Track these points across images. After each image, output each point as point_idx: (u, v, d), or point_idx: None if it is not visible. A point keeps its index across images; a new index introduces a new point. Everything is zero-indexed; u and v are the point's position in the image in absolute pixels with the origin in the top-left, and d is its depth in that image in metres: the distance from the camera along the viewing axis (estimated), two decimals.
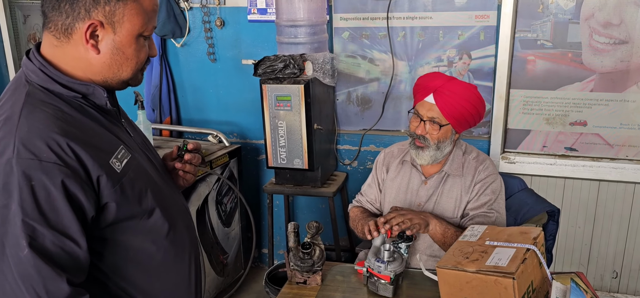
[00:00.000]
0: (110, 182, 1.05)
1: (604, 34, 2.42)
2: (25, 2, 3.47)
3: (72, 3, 1.03)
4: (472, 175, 1.92)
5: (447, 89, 1.84)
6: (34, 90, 1.06)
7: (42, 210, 0.97)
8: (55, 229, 0.98)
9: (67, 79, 1.07)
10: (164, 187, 1.23)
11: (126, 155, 1.11)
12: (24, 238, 0.95)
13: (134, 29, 1.08)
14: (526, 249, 1.36)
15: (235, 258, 2.97)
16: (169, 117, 3.11)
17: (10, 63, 3.38)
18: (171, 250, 1.21)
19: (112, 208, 1.06)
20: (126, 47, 1.09)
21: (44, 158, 0.97)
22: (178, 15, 2.96)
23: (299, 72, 2.46)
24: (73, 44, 1.06)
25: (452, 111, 1.82)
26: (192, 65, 3.08)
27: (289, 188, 2.70)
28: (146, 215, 1.14)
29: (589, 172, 2.59)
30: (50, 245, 0.98)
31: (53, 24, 1.06)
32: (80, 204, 1.01)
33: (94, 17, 1.04)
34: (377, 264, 1.63)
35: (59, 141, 0.99)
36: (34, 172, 0.96)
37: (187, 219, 1.30)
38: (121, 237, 1.11)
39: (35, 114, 1.01)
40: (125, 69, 1.11)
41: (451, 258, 1.41)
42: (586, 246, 2.71)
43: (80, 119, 1.07)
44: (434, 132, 1.85)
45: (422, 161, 1.91)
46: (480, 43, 2.60)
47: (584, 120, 2.57)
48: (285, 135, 2.54)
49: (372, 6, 2.70)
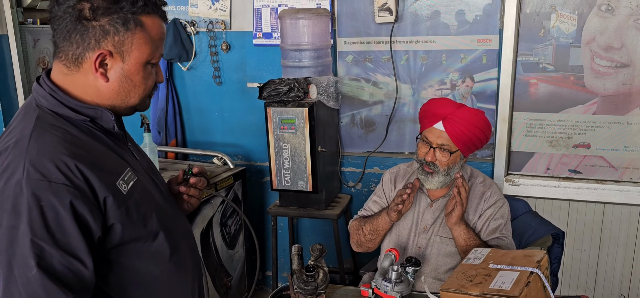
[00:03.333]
0: (116, 203, 1.06)
1: (606, 57, 2.44)
2: (35, 26, 3.53)
3: (82, 34, 1.06)
4: (478, 198, 1.93)
5: (456, 116, 1.85)
6: (44, 114, 1.09)
7: (50, 231, 0.98)
8: (63, 249, 1.00)
9: (75, 103, 1.10)
10: (168, 211, 1.24)
11: (132, 178, 1.13)
12: (33, 258, 0.97)
13: (142, 57, 1.11)
14: (530, 272, 1.36)
15: (239, 280, 2.97)
16: (175, 139, 3.14)
17: (20, 86, 3.42)
18: (175, 273, 1.22)
19: (118, 229, 1.08)
20: (134, 75, 1.12)
21: (53, 179, 0.99)
22: (185, 40, 3.00)
23: (303, 95, 2.49)
24: (83, 73, 1.10)
25: (462, 138, 1.84)
26: (198, 88, 3.12)
27: (293, 211, 2.70)
28: (151, 238, 1.15)
29: (594, 194, 2.58)
30: (57, 265, 0.99)
31: (64, 53, 1.09)
32: (87, 225, 1.02)
33: (103, 47, 1.07)
34: (384, 284, 1.64)
35: (68, 163, 1.01)
36: (43, 192, 0.98)
37: (191, 242, 1.32)
38: (126, 259, 1.13)
39: (44, 137, 1.03)
40: (133, 95, 1.14)
41: (455, 281, 1.41)
42: (592, 269, 2.70)
43: (88, 142, 1.09)
44: (443, 158, 1.87)
45: (431, 186, 1.92)
46: (483, 66, 2.62)
47: (588, 143, 2.57)
48: (289, 157, 2.55)
49: (376, 30, 2.74)
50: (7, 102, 3.38)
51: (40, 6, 3.88)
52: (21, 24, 3.47)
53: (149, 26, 1.11)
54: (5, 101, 3.37)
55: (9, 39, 3.35)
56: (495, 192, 1.95)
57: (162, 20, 1.16)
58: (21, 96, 3.44)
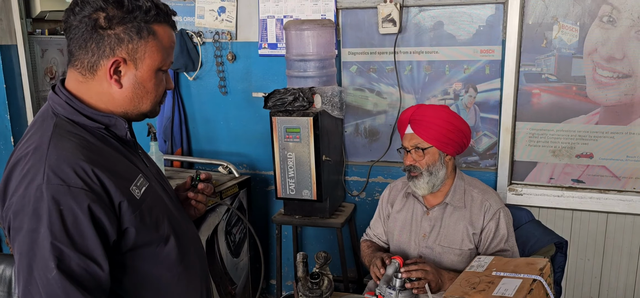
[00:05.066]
0: (131, 208, 1.10)
1: (608, 68, 2.47)
2: (43, 36, 3.58)
3: (98, 42, 1.10)
4: (478, 207, 1.94)
5: (418, 114, 1.93)
6: (61, 122, 1.12)
7: (69, 234, 1.01)
8: (81, 252, 1.03)
9: (91, 111, 1.14)
10: (177, 216, 1.27)
11: (144, 183, 1.16)
12: (53, 260, 1.00)
13: (154, 64, 1.15)
14: (533, 280, 1.37)
15: (243, 289, 2.98)
16: (180, 148, 3.17)
17: (28, 95, 3.47)
18: (185, 277, 1.24)
19: (132, 233, 1.11)
20: (147, 81, 1.16)
21: (72, 184, 1.02)
22: (191, 50, 3.04)
23: (308, 104, 2.51)
24: (97, 80, 1.13)
25: (429, 132, 1.90)
26: (203, 98, 3.15)
27: (298, 219, 2.72)
28: (163, 242, 1.18)
29: (597, 204, 2.60)
30: (76, 267, 1.02)
31: (79, 61, 1.13)
32: (103, 228, 1.06)
33: (118, 54, 1.11)
34: (389, 292, 1.65)
35: (85, 168, 1.04)
36: (63, 197, 1.01)
37: (199, 247, 1.34)
38: (139, 263, 1.16)
39: (63, 143, 1.07)
40: (145, 101, 1.18)
41: (458, 288, 1.43)
42: (596, 278, 2.70)
43: (103, 148, 1.13)
44: (419, 158, 1.92)
45: (420, 190, 1.95)
46: (486, 77, 2.65)
47: (590, 153, 2.59)
48: (294, 166, 2.58)
49: (380, 41, 2.77)
50: (15, 111, 3.43)
51: (49, 17, 3.94)
52: (30, 34, 3.52)
53: (161, 34, 1.15)
54: (13, 110, 3.41)
55: (18, 49, 3.40)
56: (496, 200, 1.96)
57: (172, 29, 1.20)
58: (29, 105, 3.49)
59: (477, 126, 2.73)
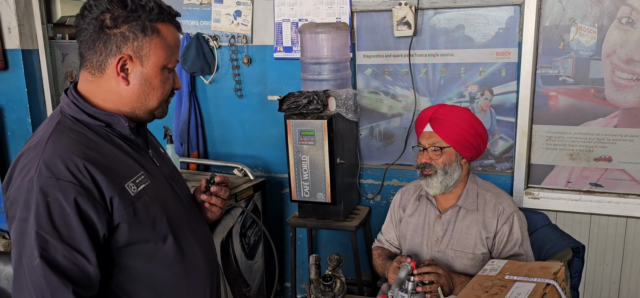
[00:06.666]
0: (123, 204, 1.13)
1: (627, 70, 2.43)
2: (64, 41, 3.66)
3: (105, 42, 1.15)
4: (491, 211, 1.93)
5: (440, 113, 1.92)
6: (65, 119, 1.17)
7: (55, 225, 1.06)
8: (66, 243, 1.06)
9: (93, 110, 1.18)
10: (185, 217, 1.30)
11: (145, 181, 1.20)
12: (37, 249, 1.04)
13: (159, 61, 1.19)
14: (546, 284, 1.36)
15: (258, 291, 3.00)
16: (196, 150, 3.21)
17: (48, 99, 3.54)
18: (185, 277, 1.26)
19: (124, 229, 1.14)
20: (153, 78, 1.20)
21: (61, 177, 1.06)
22: (207, 53, 3.08)
23: (322, 107, 2.52)
24: (106, 78, 1.18)
25: (449, 133, 1.89)
26: (219, 101, 3.18)
27: (312, 222, 2.73)
28: (160, 241, 1.21)
29: (616, 208, 2.55)
30: (61, 257, 1.06)
31: (89, 62, 1.18)
32: (91, 222, 1.09)
33: (124, 52, 1.16)
34: (401, 294, 1.65)
35: (77, 162, 1.08)
36: (51, 189, 1.06)
37: (207, 250, 1.36)
38: (135, 260, 1.19)
39: (61, 139, 1.12)
40: (151, 98, 1.22)
41: (471, 292, 1.42)
42: (615, 284, 2.65)
43: (103, 145, 1.17)
44: (436, 157, 1.91)
45: (432, 190, 1.93)
46: (502, 79, 2.63)
47: (609, 156, 2.55)
48: (308, 169, 2.59)
49: (395, 44, 2.76)
50: (36, 114, 3.50)
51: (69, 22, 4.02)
52: (51, 39, 3.60)
53: (165, 33, 1.20)
54: (35, 113, 3.49)
55: (39, 54, 3.48)
56: (509, 204, 1.94)
57: (176, 28, 1.24)
58: (49, 108, 3.56)
59: (493, 129, 2.70)
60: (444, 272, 1.74)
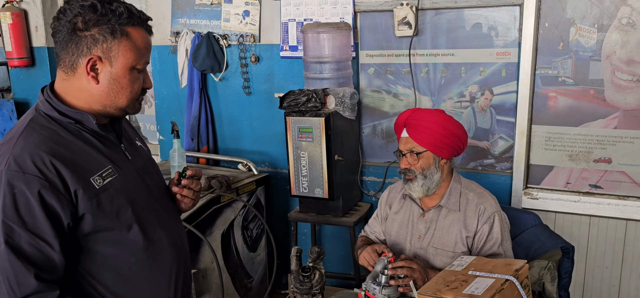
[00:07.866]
0: (87, 196, 1.22)
1: (627, 71, 2.40)
2: None
3: (77, 43, 1.25)
4: (473, 211, 1.95)
5: (413, 119, 1.94)
6: (38, 117, 1.28)
7: (20, 214, 1.16)
8: (31, 231, 1.17)
9: (64, 108, 1.28)
10: (154, 207, 1.39)
11: (112, 174, 1.29)
12: (2, 235, 1.15)
13: (128, 62, 1.28)
14: (505, 280, 1.39)
15: (260, 283, 3.09)
16: (206, 145, 3.33)
17: None
18: (150, 263, 1.36)
19: (88, 219, 1.24)
20: (121, 78, 1.29)
21: (27, 171, 1.17)
22: (217, 52, 3.19)
23: (320, 105, 2.59)
24: (77, 77, 1.28)
25: (424, 137, 1.91)
26: (229, 98, 3.29)
27: (312, 217, 2.80)
28: (125, 229, 1.30)
29: (615, 210, 2.52)
30: (25, 244, 1.16)
31: (63, 61, 1.28)
32: (55, 212, 1.19)
33: (94, 53, 1.25)
34: (373, 287, 1.70)
35: (43, 158, 1.18)
36: (17, 182, 1.16)
37: (176, 238, 1.45)
38: (101, 246, 1.28)
39: (31, 135, 1.22)
40: (121, 97, 1.30)
41: (433, 285, 1.47)
42: (614, 287, 2.62)
43: (73, 142, 1.26)
44: (414, 162, 1.93)
45: (415, 193, 1.97)
46: (502, 79, 2.63)
47: (609, 158, 2.52)
48: (307, 165, 2.66)
49: (396, 43, 2.80)
50: None
51: None
52: None
53: (134, 36, 1.28)
54: None
55: None
56: (490, 204, 1.96)
57: (147, 32, 1.32)
58: None
59: (493, 129, 2.71)
60: (418, 267, 1.78)
